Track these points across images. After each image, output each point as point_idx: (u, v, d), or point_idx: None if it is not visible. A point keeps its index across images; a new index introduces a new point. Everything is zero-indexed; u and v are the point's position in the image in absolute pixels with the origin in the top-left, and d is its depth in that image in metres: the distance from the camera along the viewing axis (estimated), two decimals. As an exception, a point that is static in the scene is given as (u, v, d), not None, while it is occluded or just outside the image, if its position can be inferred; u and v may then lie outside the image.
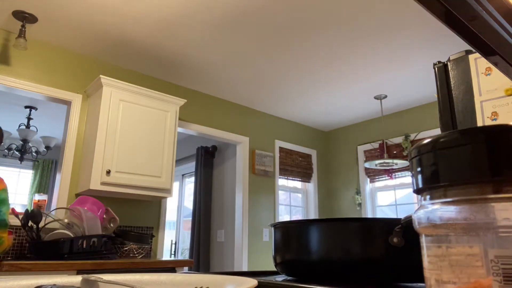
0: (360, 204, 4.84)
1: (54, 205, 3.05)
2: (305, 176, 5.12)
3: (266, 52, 3.36)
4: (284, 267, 0.59)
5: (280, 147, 4.86)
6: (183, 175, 5.68)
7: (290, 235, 0.58)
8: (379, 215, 4.84)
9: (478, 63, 1.33)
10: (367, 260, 0.50)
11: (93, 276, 0.48)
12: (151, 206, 3.55)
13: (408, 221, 0.49)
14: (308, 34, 3.08)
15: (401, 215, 4.45)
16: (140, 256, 3.10)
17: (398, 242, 0.48)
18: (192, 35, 3.11)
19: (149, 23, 2.95)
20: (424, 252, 0.32)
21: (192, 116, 4.02)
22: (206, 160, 4.87)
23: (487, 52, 0.64)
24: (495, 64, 0.69)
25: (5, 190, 2.15)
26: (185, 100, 3.52)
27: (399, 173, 4.57)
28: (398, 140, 4.59)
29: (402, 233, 0.49)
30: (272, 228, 0.63)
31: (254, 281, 0.41)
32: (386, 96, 4.25)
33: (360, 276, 0.51)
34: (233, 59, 3.48)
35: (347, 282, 0.50)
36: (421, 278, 0.50)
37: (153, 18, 2.88)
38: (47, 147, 5.10)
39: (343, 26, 2.98)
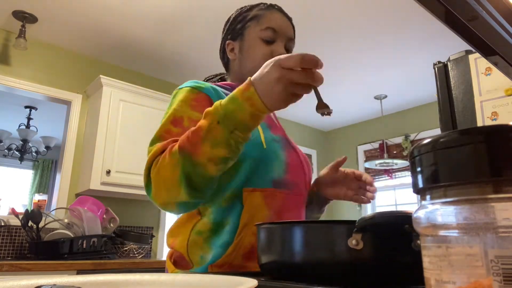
0: (360, 205, 4.84)
1: (54, 205, 3.05)
2: (305, 176, 5.11)
3: (266, 52, 3.35)
4: (266, 268, 0.59)
5: (280, 147, 4.85)
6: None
7: (273, 236, 0.58)
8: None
9: (478, 63, 1.33)
10: (344, 263, 0.50)
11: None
12: (151, 206, 3.54)
13: (365, 222, 0.47)
14: (308, 34, 3.08)
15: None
16: (140, 256, 3.10)
17: (356, 244, 0.48)
18: (192, 35, 3.11)
19: (149, 23, 2.95)
20: (424, 252, 0.32)
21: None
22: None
23: (487, 52, 0.64)
24: (495, 64, 0.69)
25: None
26: (185, 100, 3.51)
27: (399, 173, 4.57)
28: (398, 140, 4.59)
29: (362, 235, 0.48)
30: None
31: (254, 281, 0.41)
32: (386, 96, 4.25)
33: (345, 279, 0.50)
34: (233, 59, 3.47)
35: (334, 284, 0.49)
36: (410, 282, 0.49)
37: (153, 18, 2.88)
38: (47, 147, 5.10)
39: (343, 27, 2.98)
